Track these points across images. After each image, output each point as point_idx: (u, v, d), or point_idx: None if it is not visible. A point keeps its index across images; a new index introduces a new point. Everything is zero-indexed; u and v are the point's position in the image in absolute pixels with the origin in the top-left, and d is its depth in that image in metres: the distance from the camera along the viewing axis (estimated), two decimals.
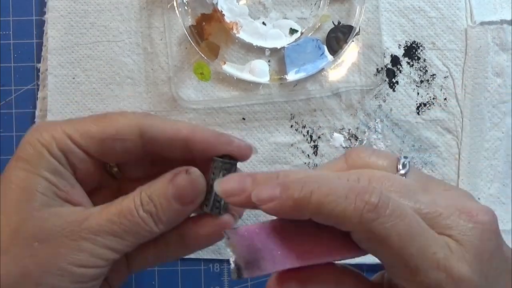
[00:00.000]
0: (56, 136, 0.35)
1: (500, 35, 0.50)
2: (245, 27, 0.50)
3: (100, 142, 0.35)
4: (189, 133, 0.36)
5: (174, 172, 0.35)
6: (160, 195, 0.35)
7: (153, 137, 0.36)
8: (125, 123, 0.35)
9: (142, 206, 0.34)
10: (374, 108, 0.50)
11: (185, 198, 0.35)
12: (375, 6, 0.50)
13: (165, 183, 0.35)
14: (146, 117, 0.36)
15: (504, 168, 0.51)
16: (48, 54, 0.50)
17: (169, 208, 0.35)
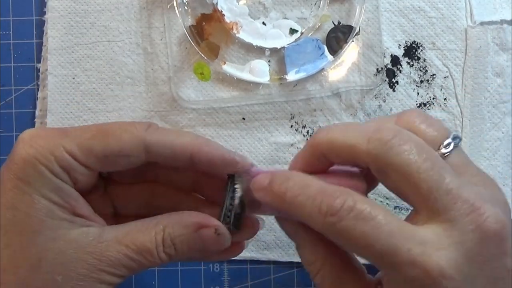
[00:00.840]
0: (55, 153, 0.33)
1: (500, 35, 0.50)
2: (245, 27, 0.50)
3: (103, 158, 0.35)
4: (194, 151, 0.35)
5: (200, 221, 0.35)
6: (184, 242, 0.35)
7: (158, 152, 0.35)
8: (129, 140, 0.35)
9: (163, 247, 0.34)
10: (374, 108, 0.50)
11: (208, 252, 0.35)
12: (375, 6, 0.50)
13: (190, 230, 0.35)
14: (149, 129, 0.36)
15: (504, 168, 0.51)
16: (48, 54, 0.50)
17: (189, 254, 0.35)
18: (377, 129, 0.30)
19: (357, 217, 0.28)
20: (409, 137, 0.29)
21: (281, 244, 0.50)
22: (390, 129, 0.29)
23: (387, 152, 0.29)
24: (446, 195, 0.28)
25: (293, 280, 0.50)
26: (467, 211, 0.28)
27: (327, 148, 0.31)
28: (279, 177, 0.31)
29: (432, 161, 0.29)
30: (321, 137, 0.32)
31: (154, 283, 0.50)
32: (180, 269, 0.50)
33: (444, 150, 0.30)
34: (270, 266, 0.50)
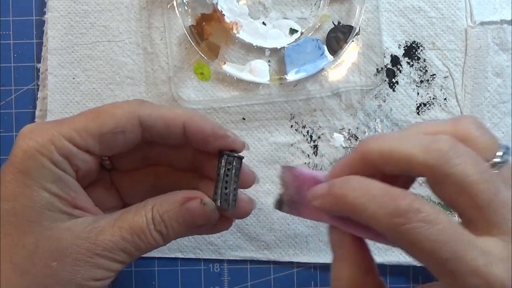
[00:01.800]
0: (54, 141, 0.34)
1: (500, 35, 0.50)
2: (245, 27, 0.50)
3: (100, 138, 0.35)
4: (187, 120, 0.36)
5: (186, 195, 0.36)
6: (172, 218, 0.35)
7: (151, 124, 0.36)
8: (123, 115, 0.35)
9: (154, 225, 0.35)
10: (374, 108, 0.50)
11: (196, 224, 0.36)
12: (375, 6, 0.50)
13: (177, 205, 0.35)
14: (141, 104, 0.36)
15: None
16: (48, 54, 0.50)
17: (180, 230, 0.36)
18: (434, 140, 0.29)
19: (424, 220, 0.27)
20: (466, 149, 0.29)
21: (281, 244, 0.50)
22: (447, 140, 0.29)
23: (445, 163, 0.28)
24: (504, 207, 0.28)
25: (293, 280, 0.50)
26: None
27: (380, 157, 0.31)
28: (339, 181, 0.31)
29: (488, 173, 0.29)
30: (373, 145, 0.31)
31: (154, 283, 0.50)
32: (180, 269, 0.50)
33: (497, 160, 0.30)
34: (270, 266, 0.50)
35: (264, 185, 0.50)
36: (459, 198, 0.29)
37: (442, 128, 0.32)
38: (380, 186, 0.30)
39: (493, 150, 0.31)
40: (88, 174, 0.37)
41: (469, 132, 0.31)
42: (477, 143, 0.30)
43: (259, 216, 0.50)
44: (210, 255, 0.50)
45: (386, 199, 0.28)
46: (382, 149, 0.30)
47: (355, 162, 0.32)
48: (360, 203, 0.29)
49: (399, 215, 0.28)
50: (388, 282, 0.50)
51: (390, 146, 0.30)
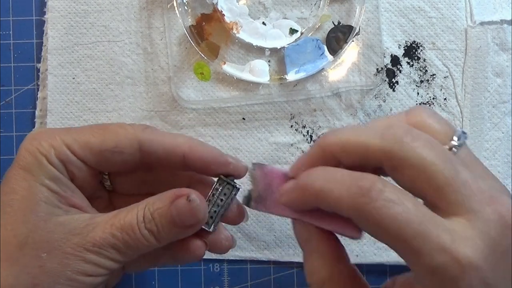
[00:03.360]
0: (54, 145, 0.35)
1: (500, 35, 0.50)
2: (245, 27, 0.50)
3: (99, 153, 0.36)
4: (187, 150, 0.36)
5: (176, 192, 0.36)
6: (162, 216, 0.35)
7: (151, 151, 0.36)
8: (124, 136, 0.36)
9: (145, 223, 0.35)
10: (374, 108, 0.50)
11: (185, 223, 0.36)
12: (375, 6, 0.50)
13: (167, 202, 0.35)
14: (145, 130, 0.37)
15: (504, 168, 0.51)
16: (48, 54, 0.50)
17: (170, 229, 0.35)
18: (389, 126, 0.30)
19: (388, 199, 0.28)
20: (421, 133, 0.30)
21: (281, 244, 0.50)
22: (401, 126, 0.30)
23: (401, 147, 0.29)
24: (464, 186, 0.28)
25: (293, 280, 0.50)
26: (487, 201, 0.28)
27: (339, 148, 0.31)
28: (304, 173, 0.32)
29: (444, 155, 0.29)
30: (332, 138, 0.32)
31: (154, 283, 0.50)
32: (180, 269, 0.50)
33: (454, 143, 0.31)
34: (270, 266, 0.50)
35: None
36: (419, 181, 0.29)
37: (396, 118, 0.32)
38: (344, 172, 0.30)
39: (448, 135, 0.31)
40: (84, 186, 0.37)
41: (422, 120, 0.31)
42: (432, 130, 0.31)
43: (259, 216, 0.50)
44: (210, 255, 0.50)
45: (350, 181, 0.29)
46: (340, 140, 0.31)
47: (315, 156, 0.32)
48: (326, 189, 0.30)
49: (362, 195, 0.28)
50: None
51: (348, 136, 0.31)
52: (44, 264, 0.33)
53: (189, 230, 0.36)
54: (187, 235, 0.37)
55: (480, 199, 0.28)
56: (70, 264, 0.33)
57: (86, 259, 0.34)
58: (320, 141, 0.32)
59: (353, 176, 0.29)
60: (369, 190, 0.28)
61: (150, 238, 0.35)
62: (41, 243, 0.34)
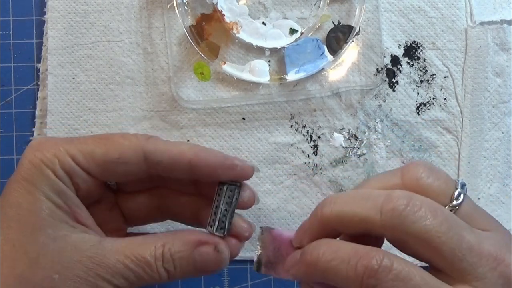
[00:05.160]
0: (59, 156, 0.35)
1: (500, 35, 0.50)
2: (245, 27, 0.50)
3: (103, 164, 0.36)
4: (193, 157, 0.36)
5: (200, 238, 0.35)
6: (183, 259, 0.35)
7: (157, 160, 0.36)
8: (129, 147, 0.36)
9: (163, 262, 0.35)
10: (374, 108, 0.50)
11: (206, 270, 0.36)
12: (375, 6, 0.50)
13: (190, 247, 0.35)
14: (149, 140, 0.37)
15: (504, 168, 0.51)
16: (48, 54, 0.50)
17: (188, 271, 0.35)
18: (387, 199, 0.29)
19: (396, 278, 0.27)
20: (422, 202, 0.29)
21: None
22: (400, 196, 0.29)
23: (402, 222, 0.28)
24: (470, 253, 0.28)
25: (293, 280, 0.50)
26: (493, 265, 0.28)
27: (337, 222, 0.31)
28: (309, 247, 0.31)
29: (448, 222, 0.28)
30: (329, 211, 0.31)
31: None
32: None
33: (456, 202, 0.30)
34: None
35: (264, 185, 0.50)
36: (424, 252, 0.29)
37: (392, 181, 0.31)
38: (349, 247, 0.29)
39: (449, 192, 0.30)
40: (89, 195, 0.37)
41: (420, 182, 0.30)
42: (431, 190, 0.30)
43: (259, 216, 0.50)
44: None
45: (356, 260, 0.28)
46: (337, 215, 0.30)
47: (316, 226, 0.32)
48: (331, 267, 0.29)
49: (370, 275, 0.27)
50: None
51: (345, 210, 0.30)
52: (55, 286, 0.33)
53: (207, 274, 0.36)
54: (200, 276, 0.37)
55: (486, 263, 0.28)
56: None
57: (96, 285, 0.33)
58: (318, 212, 0.32)
59: (358, 253, 0.29)
60: (376, 271, 0.27)
61: (164, 276, 0.35)
62: (53, 263, 0.33)
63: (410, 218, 0.28)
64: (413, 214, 0.28)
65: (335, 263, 0.29)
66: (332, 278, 0.29)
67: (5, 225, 0.33)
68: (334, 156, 0.50)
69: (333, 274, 0.29)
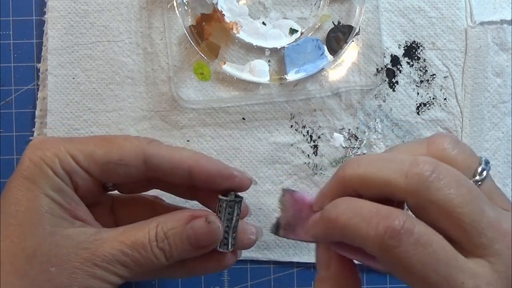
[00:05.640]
0: (59, 155, 0.35)
1: (500, 35, 0.50)
2: (245, 27, 0.50)
3: (103, 165, 0.36)
4: (193, 164, 0.36)
5: (192, 213, 0.36)
6: (176, 235, 0.35)
7: (157, 164, 0.36)
8: (129, 149, 0.36)
9: (157, 242, 0.35)
10: (374, 108, 0.50)
11: (200, 243, 0.36)
12: (375, 6, 0.50)
13: (182, 223, 0.35)
14: (150, 144, 0.37)
15: (504, 168, 0.51)
16: (48, 54, 0.50)
17: (183, 248, 0.35)
18: (413, 163, 0.29)
19: (417, 242, 0.27)
20: (447, 170, 0.29)
21: (281, 244, 0.50)
22: (427, 162, 0.29)
23: (427, 188, 0.28)
24: (488, 228, 0.28)
25: (293, 280, 0.50)
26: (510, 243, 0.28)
27: (360, 183, 0.30)
28: (330, 205, 0.31)
29: (471, 194, 0.28)
30: (352, 171, 0.30)
31: (154, 283, 0.50)
32: None
33: (479, 177, 0.30)
34: (270, 266, 0.50)
35: (264, 185, 0.50)
36: (444, 221, 0.28)
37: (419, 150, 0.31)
38: (371, 206, 0.29)
39: (474, 167, 0.30)
40: (87, 196, 0.37)
41: (446, 153, 0.30)
42: (456, 162, 0.30)
43: (259, 216, 0.50)
44: None
45: (378, 219, 0.28)
46: (361, 175, 0.30)
47: (336, 188, 0.31)
48: (352, 225, 0.29)
49: (391, 236, 0.27)
50: (388, 282, 0.50)
51: (369, 171, 0.30)
52: (52, 278, 0.33)
53: (203, 250, 0.36)
54: (197, 254, 0.37)
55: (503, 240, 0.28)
56: (78, 279, 0.33)
57: (94, 274, 0.33)
58: (339, 172, 0.31)
59: (381, 213, 0.28)
60: (398, 232, 0.27)
61: (161, 257, 0.35)
62: (49, 256, 0.33)
63: (435, 185, 0.28)
64: (438, 181, 0.28)
65: (356, 221, 0.28)
66: (351, 236, 0.29)
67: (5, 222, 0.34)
68: (334, 156, 0.50)
69: (353, 232, 0.29)
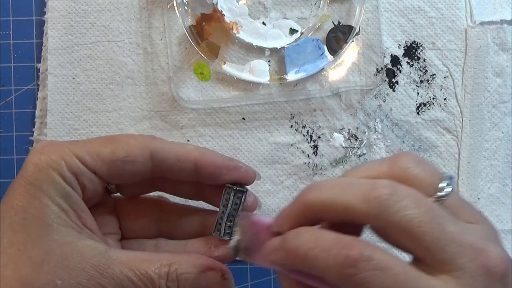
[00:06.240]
0: (65, 158, 0.34)
1: (500, 35, 0.50)
2: (245, 27, 0.50)
3: (110, 164, 0.35)
4: (198, 156, 0.36)
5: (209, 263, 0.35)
6: (188, 281, 0.35)
7: (163, 159, 0.36)
8: (135, 146, 0.36)
9: (167, 281, 0.34)
10: (374, 108, 0.50)
11: None
12: (375, 6, 0.50)
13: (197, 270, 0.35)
14: (155, 139, 0.37)
15: (504, 168, 0.51)
16: (48, 54, 0.50)
17: None
18: (372, 187, 0.29)
19: (376, 267, 0.27)
20: (406, 192, 0.29)
21: None
22: (385, 185, 0.29)
23: (386, 211, 0.28)
24: (450, 244, 0.28)
25: None
26: (474, 256, 0.28)
27: (321, 209, 0.30)
28: (290, 234, 0.31)
29: (431, 212, 0.28)
30: (314, 196, 0.31)
31: None
32: None
33: (441, 194, 0.30)
34: None
35: (264, 185, 0.50)
36: (406, 241, 0.28)
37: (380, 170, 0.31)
38: (331, 236, 0.29)
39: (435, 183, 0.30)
40: (93, 196, 0.37)
41: (408, 172, 0.30)
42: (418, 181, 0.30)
43: None
44: None
45: (337, 250, 0.28)
46: (322, 201, 0.30)
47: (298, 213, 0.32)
48: (312, 255, 0.29)
49: (350, 265, 0.27)
50: None
51: (330, 197, 0.30)
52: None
53: None
54: None
55: (466, 254, 0.28)
56: None
57: None
58: (301, 197, 0.31)
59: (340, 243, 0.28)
60: (356, 261, 0.27)
61: None
62: (56, 268, 0.33)
63: (393, 208, 0.28)
64: (396, 203, 0.28)
65: (316, 251, 0.29)
66: (311, 266, 0.29)
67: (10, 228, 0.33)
68: (334, 156, 0.50)
69: (313, 262, 0.29)
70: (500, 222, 0.50)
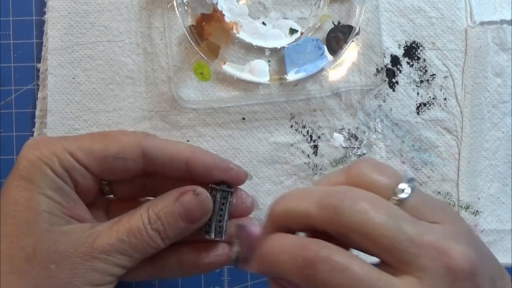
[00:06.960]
0: (57, 153, 0.35)
1: (500, 35, 0.50)
2: (245, 27, 0.50)
3: (102, 160, 0.36)
4: (189, 155, 0.36)
5: (180, 190, 0.36)
6: (168, 214, 0.35)
7: (154, 157, 0.36)
8: (127, 142, 0.36)
9: (151, 224, 0.35)
10: (374, 108, 0.50)
11: (192, 217, 0.36)
12: (375, 6, 0.50)
13: (171, 201, 0.36)
14: (147, 136, 0.37)
15: (504, 168, 0.51)
16: (48, 54, 0.50)
17: (176, 226, 0.36)
18: (326, 193, 0.29)
19: (334, 268, 0.27)
20: (359, 195, 0.29)
21: None
22: (339, 191, 0.29)
23: (340, 215, 0.28)
24: (410, 245, 0.28)
25: None
26: (434, 255, 0.28)
27: (285, 218, 0.31)
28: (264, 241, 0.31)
29: (387, 214, 0.28)
30: (278, 207, 0.31)
31: (154, 283, 0.50)
32: None
33: (400, 195, 0.30)
34: None
35: (264, 185, 0.50)
36: (366, 244, 0.28)
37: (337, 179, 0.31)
38: (293, 240, 0.29)
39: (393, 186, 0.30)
40: (86, 193, 0.37)
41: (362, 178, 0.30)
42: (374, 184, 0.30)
43: (259, 216, 0.50)
44: None
45: (295, 252, 0.28)
46: (284, 210, 0.31)
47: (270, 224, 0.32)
48: (278, 260, 0.29)
49: (306, 266, 0.28)
50: None
51: (291, 206, 0.30)
52: (53, 275, 0.33)
53: (196, 225, 0.36)
54: (192, 230, 0.37)
55: (427, 254, 0.28)
56: (79, 274, 0.33)
57: (94, 267, 0.34)
58: (270, 208, 0.32)
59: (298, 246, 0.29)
60: (313, 262, 0.27)
61: (157, 238, 0.35)
62: (48, 254, 0.33)
63: (346, 212, 0.28)
64: (350, 208, 0.28)
65: (281, 256, 0.29)
66: (279, 271, 0.29)
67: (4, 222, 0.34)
68: (334, 156, 0.50)
69: (280, 267, 0.29)
70: (500, 222, 0.50)
